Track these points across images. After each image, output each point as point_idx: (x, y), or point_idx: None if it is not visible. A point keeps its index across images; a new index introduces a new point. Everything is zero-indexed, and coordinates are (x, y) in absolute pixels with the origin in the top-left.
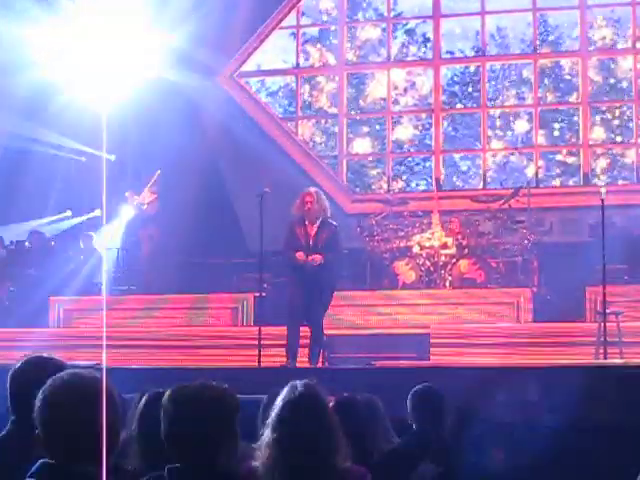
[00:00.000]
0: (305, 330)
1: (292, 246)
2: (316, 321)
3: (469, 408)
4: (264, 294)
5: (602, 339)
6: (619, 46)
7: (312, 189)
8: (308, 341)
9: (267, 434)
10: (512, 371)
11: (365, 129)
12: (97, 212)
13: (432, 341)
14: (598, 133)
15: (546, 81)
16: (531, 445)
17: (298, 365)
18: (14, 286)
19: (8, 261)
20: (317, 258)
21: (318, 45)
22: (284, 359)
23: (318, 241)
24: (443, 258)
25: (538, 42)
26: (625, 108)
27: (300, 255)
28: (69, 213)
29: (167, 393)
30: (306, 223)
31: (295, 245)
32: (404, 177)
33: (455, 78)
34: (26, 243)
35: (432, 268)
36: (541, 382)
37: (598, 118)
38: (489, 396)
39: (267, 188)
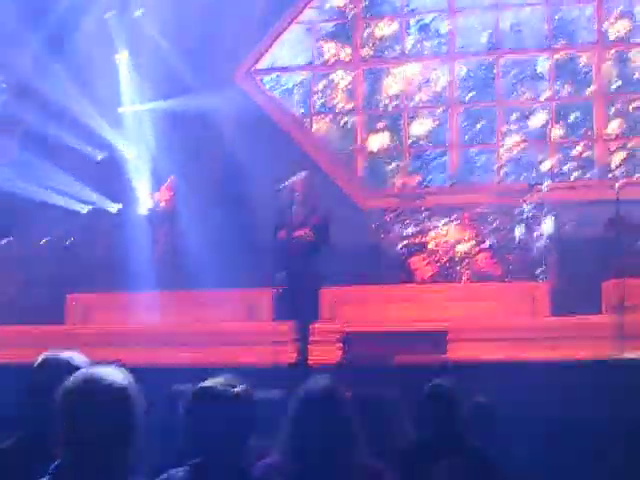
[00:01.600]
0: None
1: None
2: (303, 314)
3: (487, 403)
4: (281, 290)
5: (620, 333)
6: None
7: (302, 174)
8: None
9: (284, 430)
10: (530, 366)
11: (380, 125)
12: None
13: (450, 336)
14: (614, 127)
15: (562, 73)
16: (547, 440)
17: (316, 361)
18: (32, 284)
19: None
20: (308, 234)
21: (335, 41)
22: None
23: (308, 228)
24: (459, 253)
25: (553, 36)
26: None
27: (282, 234)
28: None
29: (189, 392)
30: (297, 210)
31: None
32: (420, 172)
33: (470, 74)
34: (43, 241)
35: (449, 263)
36: (559, 376)
37: (614, 111)
38: (506, 391)
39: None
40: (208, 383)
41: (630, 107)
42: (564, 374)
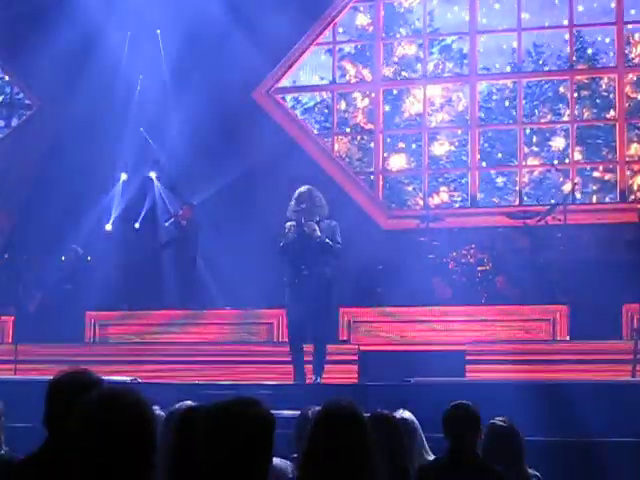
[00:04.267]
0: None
1: (289, 247)
2: (319, 335)
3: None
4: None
5: (638, 356)
6: None
7: (306, 187)
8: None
9: (302, 450)
10: (547, 388)
11: (401, 145)
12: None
13: (468, 358)
14: (635, 149)
15: (583, 95)
16: (564, 461)
17: (333, 381)
18: (50, 300)
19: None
20: (312, 225)
21: (355, 62)
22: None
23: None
24: (479, 274)
25: (574, 58)
26: None
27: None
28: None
29: (204, 410)
30: (303, 223)
31: (292, 245)
32: (440, 193)
33: (494, 97)
34: (62, 257)
35: (468, 284)
36: (577, 399)
37: (635, 134)
38: (524, 412)
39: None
40: (223, 402)
41: None
42: (583, 396)
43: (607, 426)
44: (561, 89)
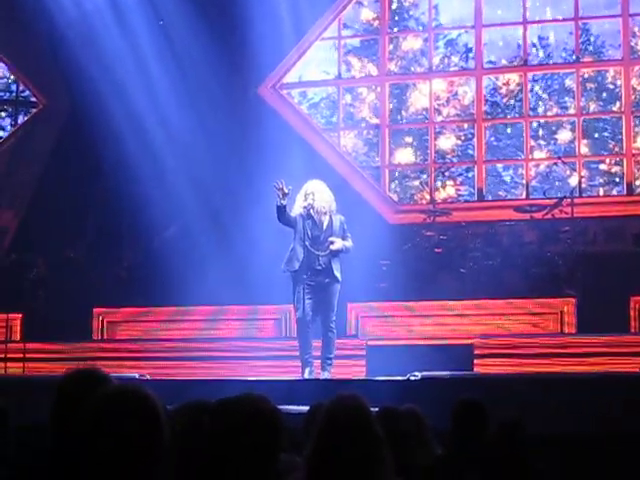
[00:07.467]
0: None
1: (301, 239)
2: (328, 330)
3: (513, 419)
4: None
5: None
6: None
7: (315, 181)
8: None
9: (311, 446)
10: (556, 381)
11: (407, 139)
12: None
13: (475, 352)
14: None
15: (589, 88)
16: (574, 454)
17: (341, 376)
18: (57, 297)
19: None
20: (337, 243)
21: (360, 57)
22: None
23: (332, 233)
24: (486, 268)
25: (580, 51)
26: None
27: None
28: None
29: (212, 407)
30: (313, 216)
31: (306, 237)
32: (447, 187)
33: (500, 91)
34: (70, 254)
35: (475, 278)
36: (586, 392)
37: None
38: (533, 407)
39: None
40: (230, 399)
41: None
42: (591, 390)
43: (616, 419)
44: (567, 82)
